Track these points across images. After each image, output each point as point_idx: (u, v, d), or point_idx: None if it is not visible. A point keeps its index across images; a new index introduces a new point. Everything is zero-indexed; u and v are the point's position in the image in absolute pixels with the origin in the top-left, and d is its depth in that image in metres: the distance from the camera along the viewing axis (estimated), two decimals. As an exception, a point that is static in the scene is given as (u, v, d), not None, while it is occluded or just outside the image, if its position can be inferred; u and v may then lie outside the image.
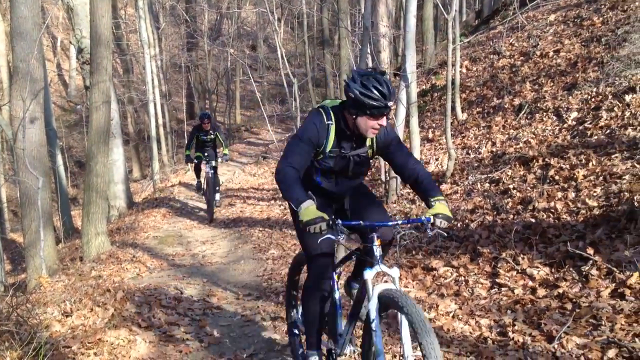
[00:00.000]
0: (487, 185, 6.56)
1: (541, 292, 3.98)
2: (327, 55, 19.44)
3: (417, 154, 7.90)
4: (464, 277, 4.61)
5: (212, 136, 10.31)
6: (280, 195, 5.45)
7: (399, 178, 7.49)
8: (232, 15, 24.86)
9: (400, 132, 7.66)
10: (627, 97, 6.43)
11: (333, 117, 2.82)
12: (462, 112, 9.35)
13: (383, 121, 2.68)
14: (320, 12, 20.91)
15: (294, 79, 13.74)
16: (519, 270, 4.36)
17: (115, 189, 12.56)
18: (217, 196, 10.50)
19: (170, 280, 6.20)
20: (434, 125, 10.16)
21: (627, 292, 3.58)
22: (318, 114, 2.85)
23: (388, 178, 7.80)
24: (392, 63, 14.45)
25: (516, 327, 3.60)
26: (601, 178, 5.25)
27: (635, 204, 4.46)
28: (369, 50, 8.42)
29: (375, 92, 2.60)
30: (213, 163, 10.19)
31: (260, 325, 4.63)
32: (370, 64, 9.83)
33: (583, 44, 8.79)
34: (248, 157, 18.86)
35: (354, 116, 2.69)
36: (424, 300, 4.39)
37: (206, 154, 10.34)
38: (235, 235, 8.96)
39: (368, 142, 2.90)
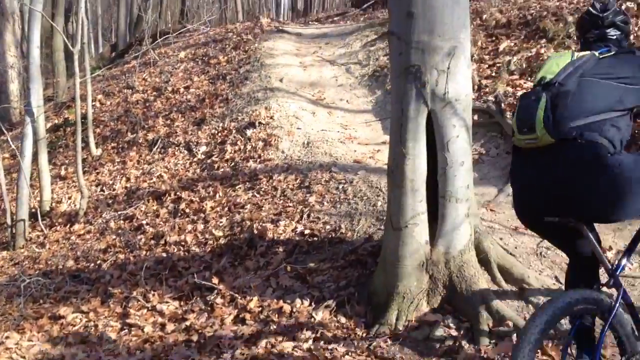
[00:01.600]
0: (121, 222, 6.42)
1: (170, 327, 4.00)
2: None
3: (47, 194, 7.39)
4: (94, 321, 4.40)
5: None
6: None
7: (26, 221, 6.89)
8: None
9: (27, 169, 7.07)
10: (248, 132, 6.99)
11: None
12: (97, 147, 9.03)
13: None
14: None
15: None
16: (149, 308, 4.34)
17: None
18: None
19: None
20: (67, 161, 9.59)
21: (248, 316, 3.83)
22: None
23: (14, 221, 7.08)
24: (23, 95, 13.37)
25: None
26: (226, 209, 5.58)
27: (255, 231, 4.84)
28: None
29: None
30: None
31: None
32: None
33: (210, 81, 9.33)
34: None
35: None
36: (50, 352, 4.05)
37: None
38: None
39: None
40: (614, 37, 2.62)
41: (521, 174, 2.66)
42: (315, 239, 4.49)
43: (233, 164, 6.57)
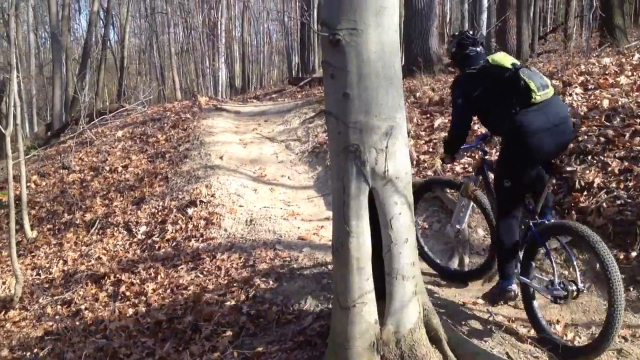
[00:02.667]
0: (58, 307, 6.17)
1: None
2: None
3: (-23, 280, 7.06)
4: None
5: None
6: None
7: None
8: None
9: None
10: (190, 211, 6.94)
11: None
12: (32, 229, 8.74)
13: None
14: None
15: None
16: (90, 401, 4.13)
17: None
18: None
19: None
20: (0, 245, 9.24)
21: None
22: None
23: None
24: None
25: None
26: (169, 290, 5.46)
27: (199, 314, 4.73)
28: None
29: None
30: None
31: None
32: None
33: (149, 159, 9.28)
34: None
35: None
36: None
37: None
38: None
39: None
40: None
41: (541, 120, 3.68)
42: (262, 320, 4.42)
43: (175, 243, 6.47)
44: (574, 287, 3.64)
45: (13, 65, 8.14)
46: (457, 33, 4.29)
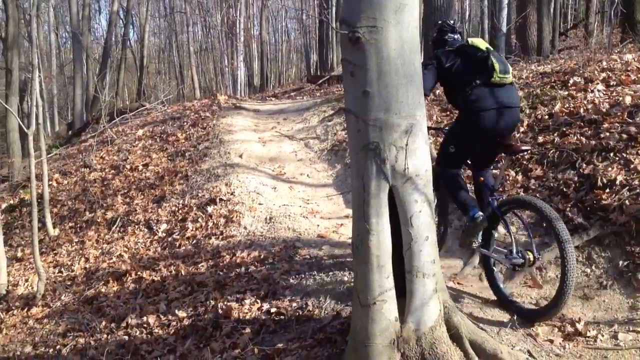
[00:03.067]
0: (80, 304, 6.24)
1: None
2: None
3: (3, 277, 7.15)
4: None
5: None
6: None
7: None
8: None
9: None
10: (209, 208, 6.98)
11: None
12: (54, 227, 8.86)
13: None
14: None
15: None
16: (111, 396, 4.18)
17: None
18: None
19: None
20: (23, 242, 9.36)
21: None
22: None
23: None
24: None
25: None
26: (189, 288, 5.48)
27: (220, 311, 4.76)
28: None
29: None
30: None
31: None
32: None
33: (169, 158, 9.34)
34: None
35: None
36: None
37: None
38: None
39: None
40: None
41: (494, 99, 4.12)
42: (282, 317, 4.43)
43: (195, 241, 6.51)
44: (530, 256, 4.02)
45: (35, 65, 8.26)
46: (439, 22, 4.87)
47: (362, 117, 3.22)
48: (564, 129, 5.95)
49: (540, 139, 6.02)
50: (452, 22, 4.84)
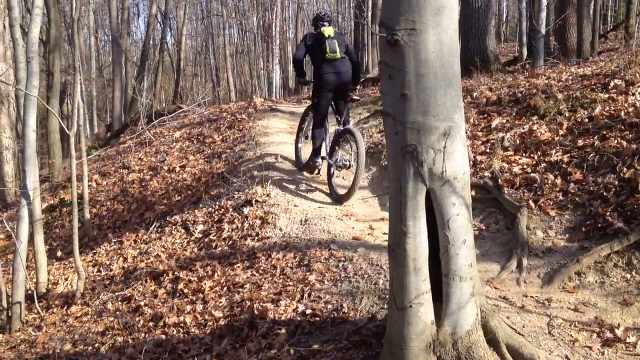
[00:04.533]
0: (119, 303, 6.35)
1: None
2: None
3: (43, 275, 7.31)
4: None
5: None
6: None
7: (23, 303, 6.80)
8: None
9: (23, 252, 7.03)
10: (245, 210, 7.03)
11: None
12: (93, 227, 9.05)
13: None
14: None
15: None
16: (150, 394, 4.24)
17: None
18: None
19: None
20: (63, 242, 9.58)
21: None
22: None
23: (10, 303, 6.99)
24: (18, 176, 13.45)
25: None
26: (225, 288, 5.55)
27: (255, 312, 4.80)
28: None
29: None
30: None
31: None
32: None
33: (206, 159, 9.45)
34: None
35: None
36: None
37: None
38: None
39: None
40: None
41: (331, 68, 6.93)
42: (317, 319, 4.45)
43: (231, 242, 6.57)
44: (349, 163, 7.05)
45: (77, 69, 8.44)
46: (317, 12, 7.35)
47: (399, 120, 3.22)
48: (604, 132, 5.85)
49: (580, 142, 5.93)
50: (324, 13, 7.22)
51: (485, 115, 7.58)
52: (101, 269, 7.58)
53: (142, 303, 6.02)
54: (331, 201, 7.06)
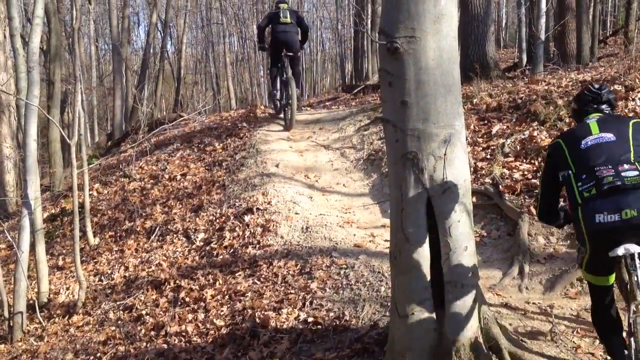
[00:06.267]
0: (120, 312, 6.34)
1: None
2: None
3: (45, 285, 7.31)
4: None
5: None
6: None
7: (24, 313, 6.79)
8: None
9: (25, 262, 7.02)
10: (246, 218, 7.03)
11: None
12: (94, 236, 9.03)
13: None
14: None
15: None
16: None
17: None
18: None
19: None
20: (64, 251, 9.56)
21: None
22: None
23: (12, 313, 6.98)
24: (19, 185, 13.45)
25: None
26: (227, 297, 5.54)
27: (257, 320, 4.79)
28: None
29: None
30: None
31: None
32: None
33: (207, 168, 9.45)
34: None
35: None
36: None
37: None
38: None
39: None
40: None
41: (282, 29, 9.85)
42: (319, 327, 4.44)
43: (232, 250, 6.57)
44: (289, 101, 9.44)
45: (78, 78, 8.46)
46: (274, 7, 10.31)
47: (400, 127, 3.23)
48: (605, 138, 5.84)
49: (581, 148, 5.92)
50: (275, 8, 9.80)
51: (486, 122, 7.59)
52: (102, 278, 7.57)
53: (143, 312, 6.01)
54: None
